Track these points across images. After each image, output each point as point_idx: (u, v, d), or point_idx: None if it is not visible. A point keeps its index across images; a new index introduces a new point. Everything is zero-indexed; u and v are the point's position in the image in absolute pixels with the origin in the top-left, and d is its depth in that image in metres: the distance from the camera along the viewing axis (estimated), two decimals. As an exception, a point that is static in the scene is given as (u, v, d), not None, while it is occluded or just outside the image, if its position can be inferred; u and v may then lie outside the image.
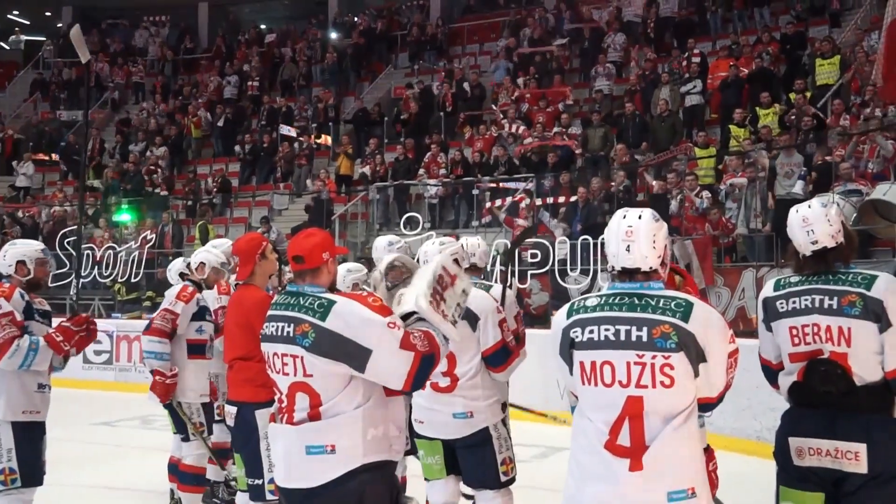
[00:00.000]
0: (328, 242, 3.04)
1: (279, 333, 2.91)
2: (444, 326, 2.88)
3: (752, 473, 6.54)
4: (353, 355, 2.77)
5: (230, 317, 4.45)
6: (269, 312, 3.02)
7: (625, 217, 2.81)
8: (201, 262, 5.65)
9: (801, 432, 3.25)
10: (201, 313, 5.49)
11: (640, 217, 2.79)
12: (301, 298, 2.91)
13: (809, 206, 3.36)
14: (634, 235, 2.75)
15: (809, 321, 3.26)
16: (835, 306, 3.21)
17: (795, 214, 3.37)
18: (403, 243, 5.80)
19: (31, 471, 4.35)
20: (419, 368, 2.77)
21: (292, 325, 2.86)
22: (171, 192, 17.03)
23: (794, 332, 3.30)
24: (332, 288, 3.02)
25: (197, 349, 5.48)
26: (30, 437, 4.37)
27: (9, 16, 26.66)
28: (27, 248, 4.59)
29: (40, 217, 16.52)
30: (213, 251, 5.79)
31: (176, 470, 5.53)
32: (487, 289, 4.10)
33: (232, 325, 4.39)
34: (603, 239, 2.90)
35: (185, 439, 5.42)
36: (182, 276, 5.77)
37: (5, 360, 4.24)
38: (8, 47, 26.34)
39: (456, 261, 4.10)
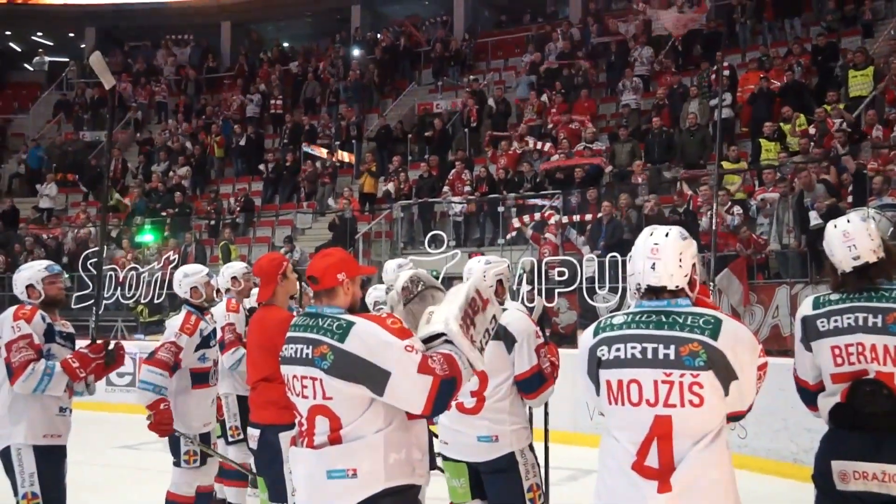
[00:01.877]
0: (345, 263, 3.04)
1: (298, 355, 2.92)
2: (472, 354, 2.85)
3: (788, 497, 6.45)
4: (372, 378, 2.76)
5: (252, 338, 4.46)
6: (289, 334, 3.02)
7: (651, 234, 2.80)
8: (193, 288, 5.54)
9: (844, 455, 3.17)
10: (205, 341, 5.41)
11: (666, 235, 2.77)
12: (320, 320, 2.91)
13: (849, 221, 3.30)
14: (660, 253, 2.74)
15: (853, 340, 3.19)
16: (879, 324, 3.15)
17: (834, 230, 3.31)
18: (411, 264, 5.78)
19: (54, 495, 4.36)
20: (438, 393, 2.75)
21: (311, 346, 2.87)
22: (194, 212, 17.19)
23: (837, 351, 3.23)
24: (353, 309, 3.02)
25: (201, 378, 5.39)
26: (51, 460, 4.37)
27: (32, 37, 27.15)
28: (31, 272, 4.61)
29: (65, 238, 16.71)
30: (196, 271, 5.72)
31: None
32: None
33: (254, 347, 4.40)
34: (631, 256, 2.87)
35: (176, 465, 5.33)
36: (186, 302, 5.59)
37: (19, 383, 4.24)
38: (32, 69, 26.80)
39: (500, 281, 4.12)
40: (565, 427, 8.69)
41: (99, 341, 4.58)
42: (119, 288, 13.84)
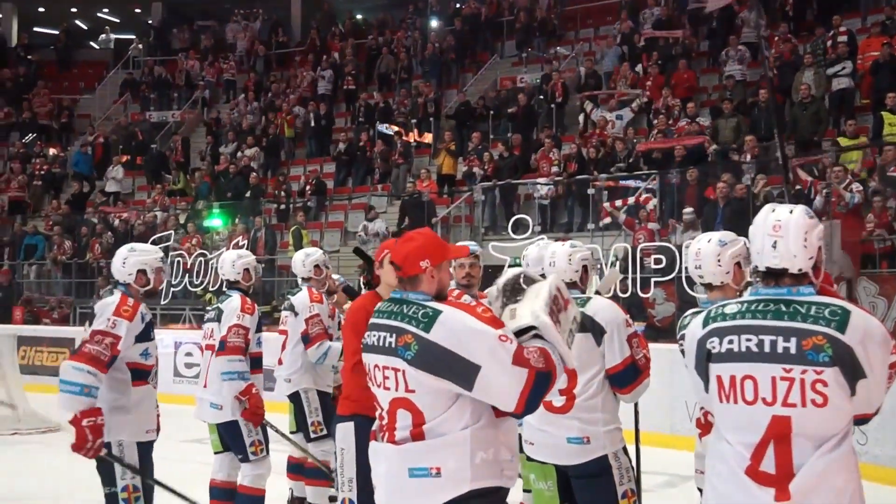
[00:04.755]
0: (429, 248, 2.98)
1: (381, 344, 2.91)
2: (563, 348, 2.82)
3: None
4: (460, 371, 2.74)
5: None
6: (372, 320, 3.02)
7: (773, 211, 2.70)
8: (246, 270, 5.64)
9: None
10: (259, 325, 5.54)
11: (791, 212, 2.67)
12: (405, 306, 2.90)
13: None
14: (783, 230, 2.64)
15: None
16: None
17: None
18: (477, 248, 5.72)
19: (150, 487, 4.54)
20: (533, 388, 2.71)
21: (394, 335, 2.86)
22: (264, 196, 17.46)
23: None
24: (441, 295, 2.99)
25: (258, 363, 5.50)
26: (148, 453, 4.55)
27: (98, 14, 27.96)
28: (148, 256, 4.66)
29: (136, 221, 17.17)
30: (248, 253, 5.87)
31: (224, 494, 5.57)
32: (585, 302, 3.97)
33: None
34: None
35: (244, 459, 5.44)
36: (230, 284, 5.69)
37: (68, 365, 4.29)
38: (98, 47, 27.59)
39: (585, 267, 4.07)
40: (661, 429, 8.58)
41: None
42: (187, 275, 14.14)
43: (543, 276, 4.52)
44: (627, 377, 3.89)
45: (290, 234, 15.39)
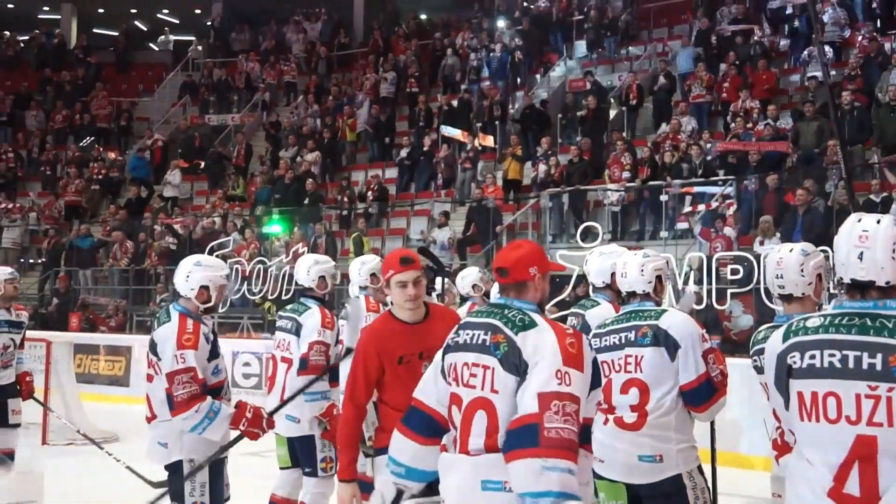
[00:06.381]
0: (537, 256, 3.11)
1: (474, 341, 3.01)
2: None
3: None
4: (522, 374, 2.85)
5: None
6: (466, 319, 3.14)
7: (860, 221, 2.69)
8: (321, 277, 5.67)
9: None
10: (337, 337, 5.56)
11: (878, 222, 2.66)
12: (506, 310, 3.01)
13: None
14: (870, 241, 2.63)
15: None
16: None
17: None
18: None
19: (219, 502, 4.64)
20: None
21: (489, 333, 2.97)
22: (324, 201, 17.63)
23: None
24: (542, 307, 3.08)
25: (335, 375, 5.53)
26: (219, 470, 4.63)
27: (158, 15, 28.56)
28: (213, 273, 4.58)
29: (195, 229, 17.46)
30: (326, 259, 5.89)
31: None
32: (659, 315, 3.97)
33: None
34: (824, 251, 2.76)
35: (311, 474, 5.49)
36: (304, 292, 5.72)
37: (179, 419, 4.37)
38: (157, 48, 28.16)
39: (659, 278, 4.07)
40: (738, 448, 8.47)
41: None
42: (245, 282, 14.31)
43: (609, 286, 4.55)
44: (702, 394, 3.88)
45: (350, 242, 15.51)
